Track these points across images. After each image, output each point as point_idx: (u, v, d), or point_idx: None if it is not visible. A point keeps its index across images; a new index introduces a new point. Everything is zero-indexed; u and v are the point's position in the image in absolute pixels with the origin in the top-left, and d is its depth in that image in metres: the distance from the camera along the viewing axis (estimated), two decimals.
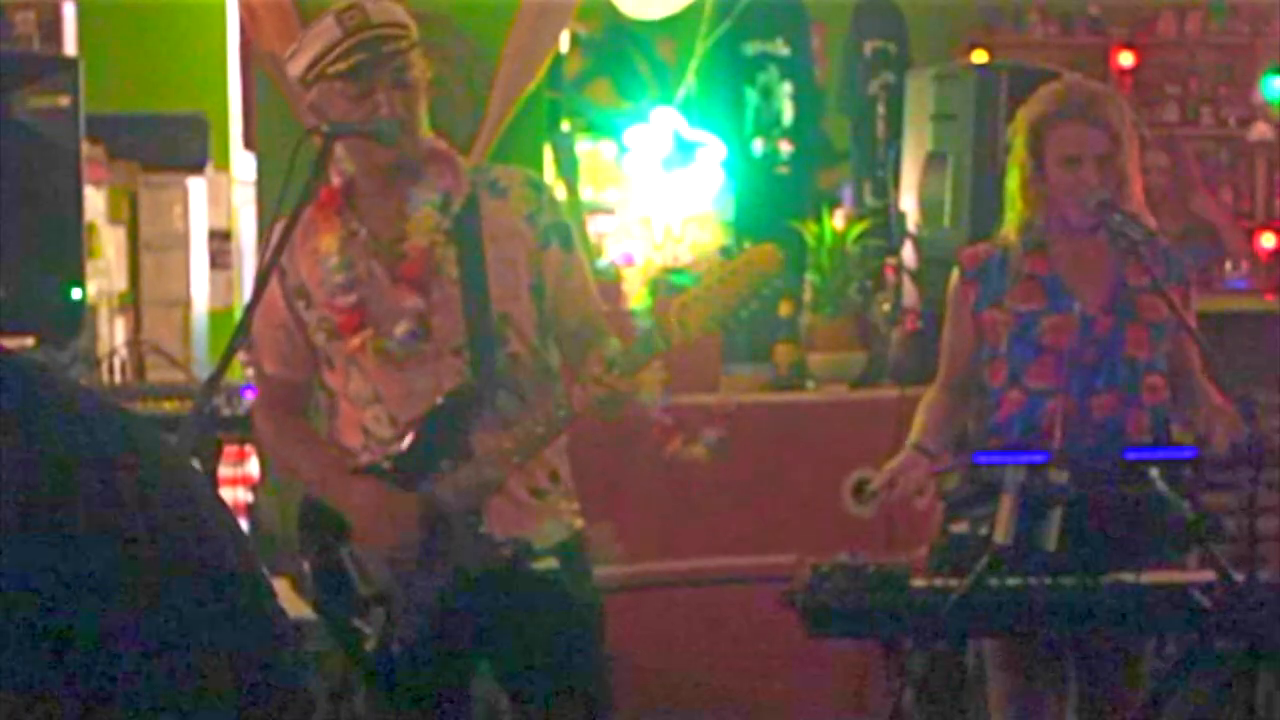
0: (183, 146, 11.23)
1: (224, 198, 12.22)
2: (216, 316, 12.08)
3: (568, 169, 5.55)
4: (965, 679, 4.29)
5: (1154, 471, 3.75)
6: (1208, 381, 4.06)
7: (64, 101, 4.69)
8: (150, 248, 11.22)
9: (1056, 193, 4.06)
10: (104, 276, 9.62)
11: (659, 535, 5.31)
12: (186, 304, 11.36)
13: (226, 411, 5.10)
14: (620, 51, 6.35)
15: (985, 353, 4.10)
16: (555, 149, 5.52)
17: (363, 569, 3.53)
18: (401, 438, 3.50)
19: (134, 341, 6.49)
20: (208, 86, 10.12)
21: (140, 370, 5.64)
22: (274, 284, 3.48)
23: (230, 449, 4.99)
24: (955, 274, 4.18)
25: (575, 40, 6.04)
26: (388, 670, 3.53)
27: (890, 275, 5.57)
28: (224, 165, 11.93)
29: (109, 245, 10.02)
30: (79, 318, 4.81)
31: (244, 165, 9.85)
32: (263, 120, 5.38)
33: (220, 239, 12.41)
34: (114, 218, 10.36)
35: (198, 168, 11.42)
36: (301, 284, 3.55)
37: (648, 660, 5.24)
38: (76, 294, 4.73)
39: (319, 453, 3.63)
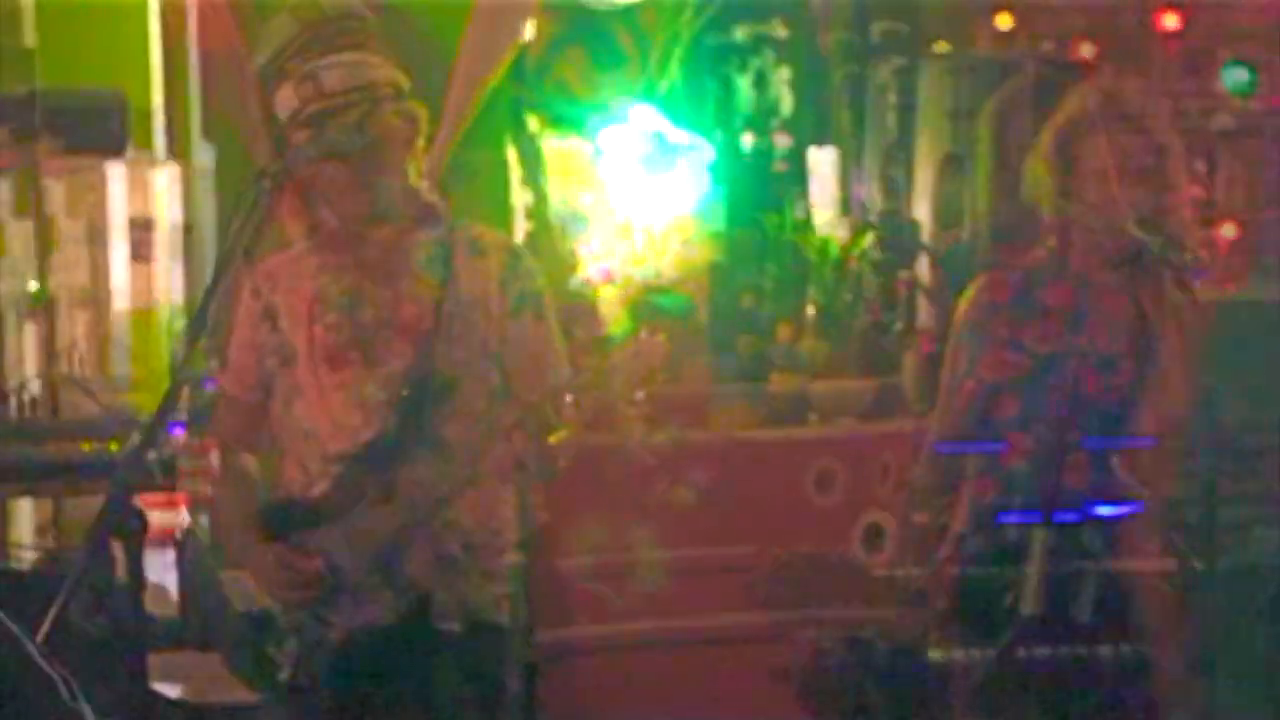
0: (99, 127, 11.24)
1: (146, 183, 12.25)
2: (139, 317, 12.10)
3: (534, 171, 5.56)
4: None
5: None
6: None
7: None
8: (63, 242, 11.24)
9: (1088, 211, 4.06)
10: (9, 276, 9.64)
11: (645, 591, 5.33)
12: (106, 305, 11.39)
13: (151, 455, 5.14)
14: (596, 15, 6.34)
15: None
16: (520, 149, 5.53)
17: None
18: (327, 476, 3.88)
19: (47, 374, 6.50)
20: (129, 63, 10.13)
21: (55, 406, 5.64)
22: (247, 302, 3.90)
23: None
24: (982, 299, 4.14)
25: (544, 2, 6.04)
26: (298, 698, 3.88)
27: (903, 291, 5.58)
28: (145, 145, 11.97)
29: (15, 240, 10.04)
30: None
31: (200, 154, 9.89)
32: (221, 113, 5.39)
33: (141, 229, 12.43)
34: (20, 209, 10.38)
35: (116, 151, 11.43)
36: (273, 307, 3.93)
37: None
38: None
39: (234, 513, 3.98)
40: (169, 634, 4.42)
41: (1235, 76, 9.11)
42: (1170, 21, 10.22)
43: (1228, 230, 8.91)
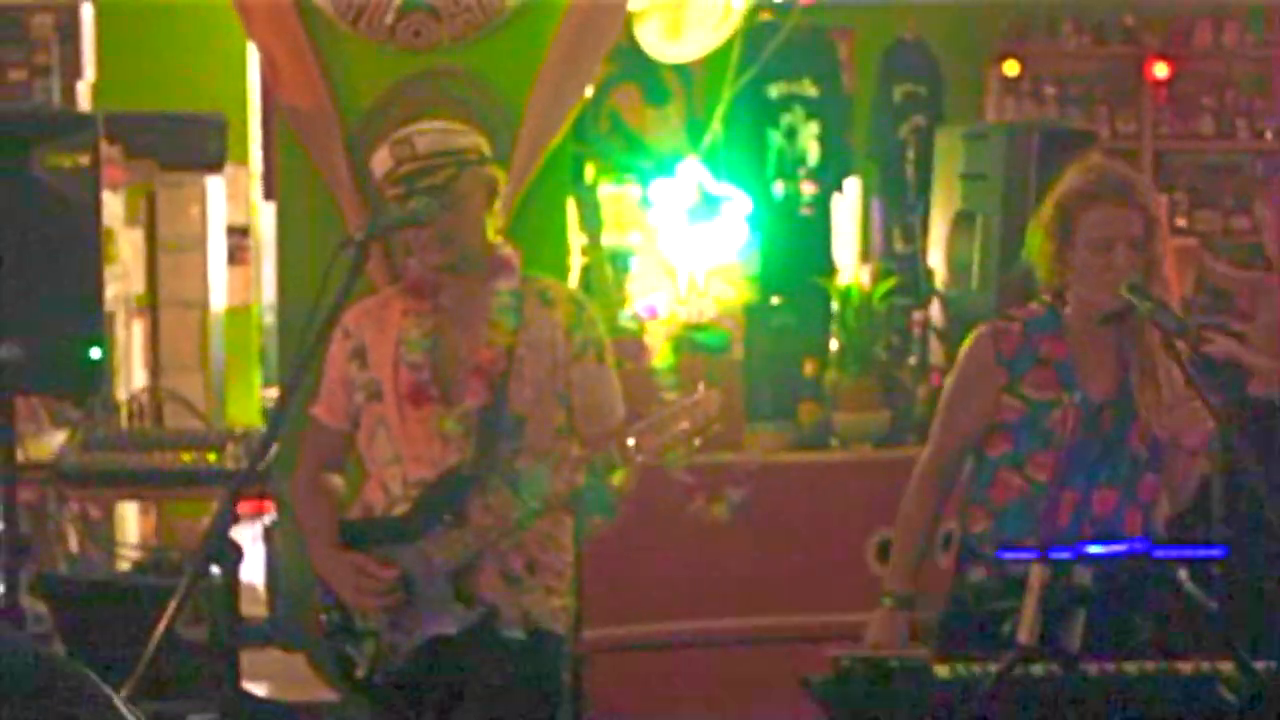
0: (200, 146, 11.29)
1: (242, 193, 12.30)
2: (234, 315, 12.16)
3: (591, 220, 5.59)
4: None
5: (1182, 572, 3.78)
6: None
7: (83, 160, 4.72)
8: (168, 249, 11.30)
9: (1085, 275, 4.08)
10: (121, 280, 9.69)
11: (683, 595, 5.34)
12: (204, 305, 11.45)
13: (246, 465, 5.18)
14: (646, 57, 6.35)
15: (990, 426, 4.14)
16: (579, 200, 5.56)
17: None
18: (409, 499, 4.03)
19: (153, 388, 6.54)
20: (225, 84, 10.16)
21: (159, 416, 5.68)
22: (339, 341, 4.07)
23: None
24: (984, 347, 4.16)
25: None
26: (372, 695, 4.05)
27: (916, 331, 5.58)
28: (243, 160, 12.01)
29: (125, 248, 10.09)
30: (99, 376, 4.85)
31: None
32: (284, 171, 5.40)
33: (238, 235, 12.48)
34: (130, 219, 10.43)
35: (215, 167, 11.48)
36: (363, 347, 4.09)
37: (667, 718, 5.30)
38: (95, 353, 4.77)
39: (319, 522, 4.15)
40: (257, 634, 4.44)
41: None
42: (1161, 70, 10.20)
43: None
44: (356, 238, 3.66)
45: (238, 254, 12.49)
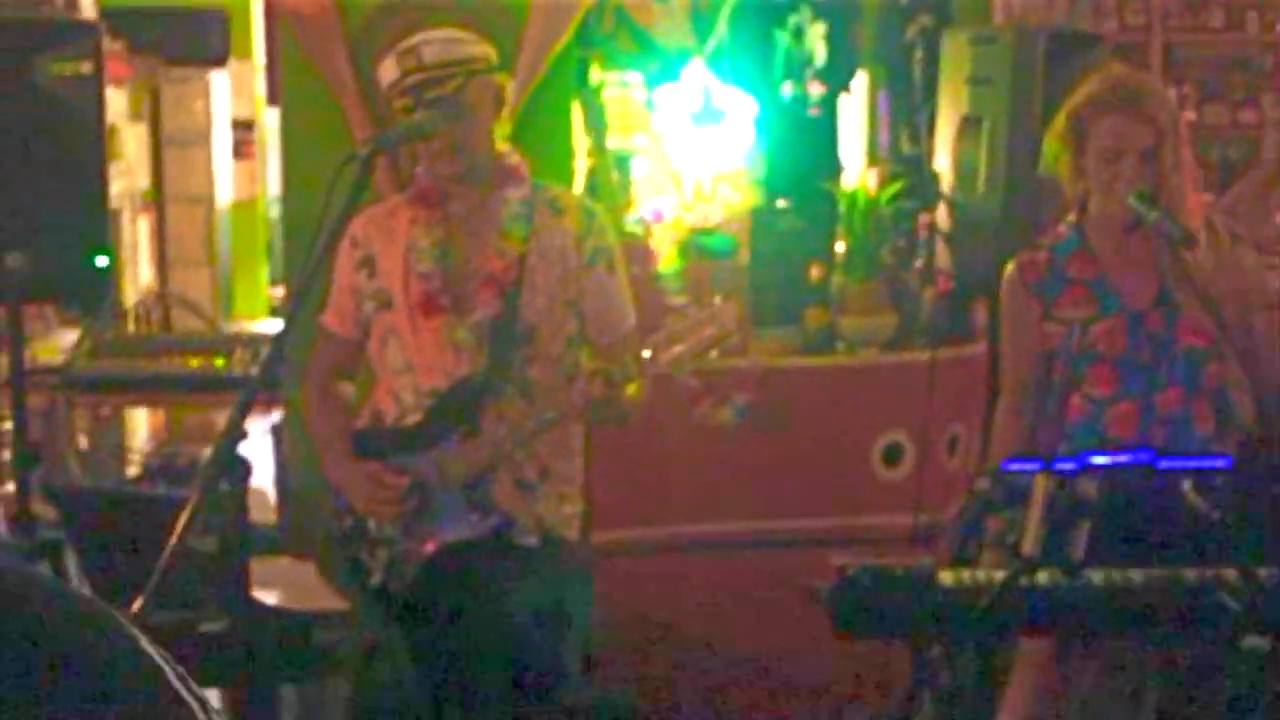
0: (204, 40, 11.25)
1: (247, 88, 12.25)
2: (240, 208, 12.16)
3: (596, 124, 5.56)
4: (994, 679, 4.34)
5: (1186, 483, 3.78)
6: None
7: (86, 68, 4.69)
8: (173, 143, 11.28)
9: (1096, 185, 4.08)
10: (126, 176, 9.67)
11: (690, 499, 5.36)
12: (210, 199, 11.44)
13: (253, 371, 5.20)
14: None
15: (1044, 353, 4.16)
16: (584, 104, 5.52)
17: None
18: (421, 408, 4.02)
19: (161, 293, 6.54)
20: None
21: (166, 321, 5.69)
22: (347, 250, 4.04)
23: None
24: (1015, 281, 4.18)
25: None
26: (386, 603, 4.07)
27: (923, 235, 5.56)
28: (246, 54, 11.94)
29: (130, 143, 10.06)
30: (105, 284, 4.86)
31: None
32: (288, 75, 5.36)
33: (243, 129, 12.45)
34: (135, 115, 10.39)
35: (219, 61, 11.43)
36: (371, 256, 4.07)
37: (679, 623, 5.33)
38: (102, 261, 4.77)
39: (332, 431, 4.16)
40: (267, 541, 4.46)
41: None
42: None
43: None
44: (361, 152, 3.62)
45: (243, 148, 12.49)
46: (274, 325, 10.64)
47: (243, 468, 3.35)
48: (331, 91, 5.13)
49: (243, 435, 3.28)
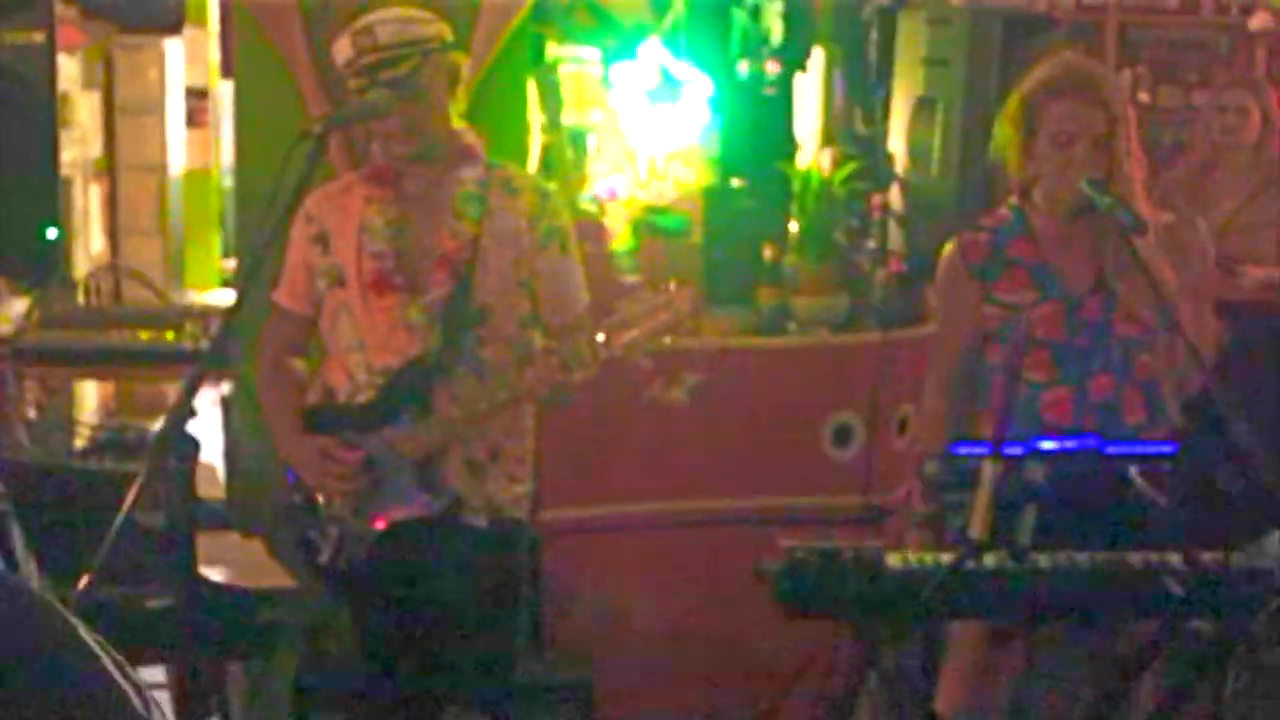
0: (159, 7, 11.17)
1: (201, 56, 12.16)
2: (192, 177, 12.08)
3: (551, 101, 5.55)
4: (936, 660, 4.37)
5: (1133, 468, 3.81)
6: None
7: (38, 38, 4.67)
8: (126, 111, 11.20)
9: (1047, 170, 4.09)
10: (78, 144, 9.61)
11: (640, 478, 5.37)
12: (163, 168, 11.37)
13: (204, 344, 5.18)
14: None
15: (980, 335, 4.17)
16: (539, 81, 5.51)
17: None
18: (373, 386, 4.02)
19: (113, 265, 6.50)
20: None
21: (117, 293, 5.65)
22: (301, 226, 4.03)
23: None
24: (955, 260, 4.19)
25: None
26: (336, 579, 4.09)
27: (876, 216, 5.57)
28: (201, 22, 11.86)
29: (83, 111, 9.99)
30: (55, 257, 4.84)
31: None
32: (241, 48, 5.33)
33: (197, 97, 12.36)
34: (88, 82, 10.32)
35: (174, 29, 11.35)
36: (325, 233, 4.06)
37: (629, 601, 5.33)
38: (51, 234, 4.74)
39: (283, 407, 4.15)
40: (215, 517, 4.44)
41: None
42: None
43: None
44: (314, 130, 3.60)
45: (196, 116, 12.41)
46: (226, 296, 10.60)
47: (191, 445, 3.35)
48: (285, 65, 5.11)
49: (191, 413, 3.27)
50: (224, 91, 11.78)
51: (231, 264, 9.87)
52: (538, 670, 4.86)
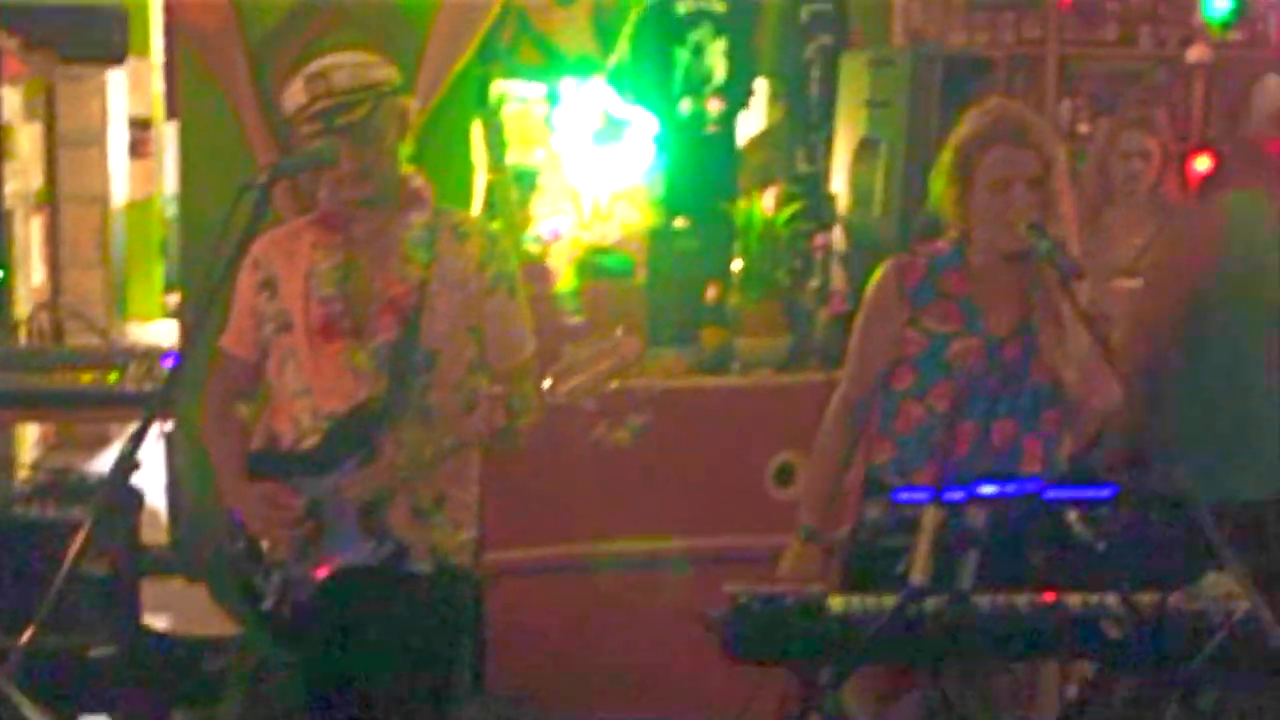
0: (101, 38, 11.14)
1: (144, 86, 12.14)
2: (135, 208, 12.04)
3: (495, 142, 5.57)
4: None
5: (1072, 514, 3.85)
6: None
7: None
8: (68, 143, 11.16)
9: (985, 216, 4.14)
10: (19, 176, 9.58)
11: (584, 519, 5.38)
12: (105, 199, 11.33)
13: (147, 386, 5.18)
14: None
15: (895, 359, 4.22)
16: (485, 125, 5.54)
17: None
18: (319, 431, 4.01)
19: (53, 305, 6.49)
20: None
21: (59, 333, 5.64)
22: (248, 271, 4.02)
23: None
24: (889, 280, 4.23)
25: None
26: (279, 624, 4.06)
27: (818, 255, 5.62)
28: (144, 52, 11.84)
29: (24, 143, 9.96)
30: None
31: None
32: (186, 91, 5.34)
33: (140, 127, 12.33)
34: (30, 114, 10.28)
35: (117, 60, 11.32)
36: (273, 278, 4.05)
37: (569, 644, 5.35)
38: None
39: (228, 454, 4.14)
40: (159, 564, 4.45)
41: (1215, 8, 8.96)
42: None
43: (1201, 163, 8.81)
44: (260, 180, 3.61)
45: (139, 146, 12.37)
46: (168, 328, 10.58)
47: (135, 498, 3.35)
48: (230, 105, 5.12)
49: (135, 466, 3.28)
50: (168, 123, 11.77)
51: (174, 299, 9.85)
52: (480, 715, 4.87)
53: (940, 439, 4.18)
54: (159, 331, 10.99)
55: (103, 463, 8.05)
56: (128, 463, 3.27)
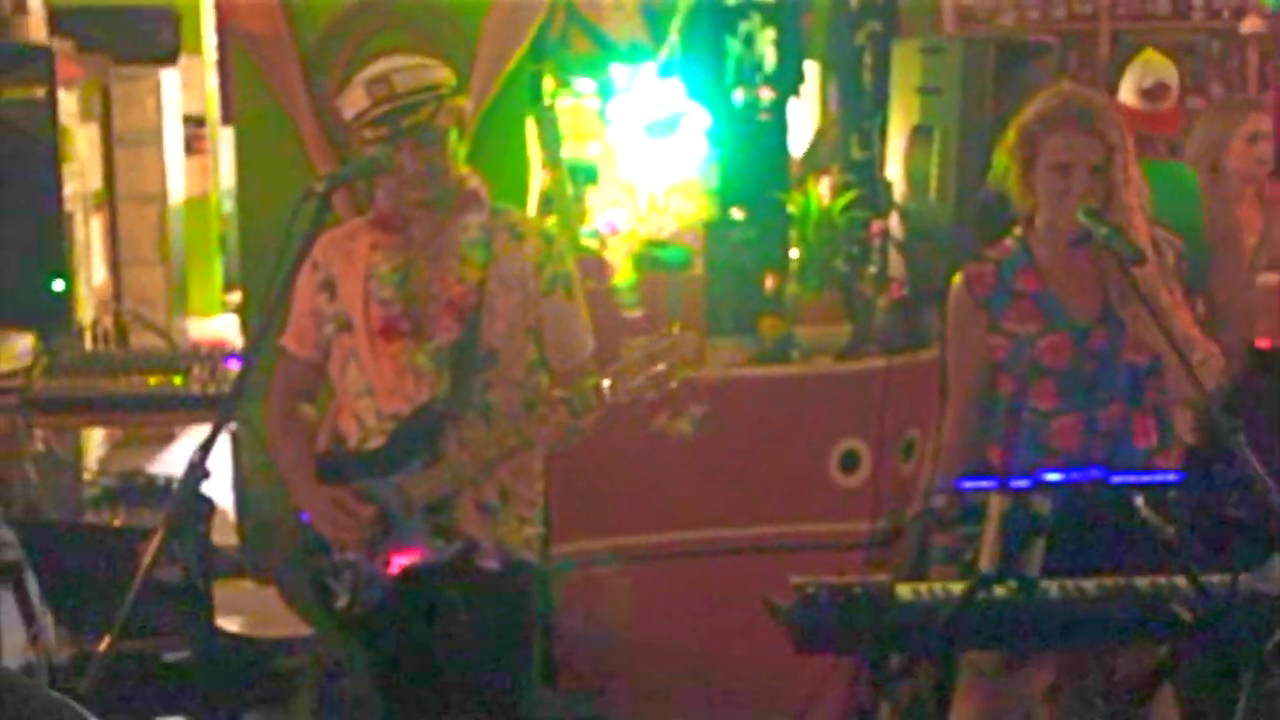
0: (154, 38, 11.20)
1: (198, 83, 12.20)
2: (192, 205, 12.12)
3: (550, 138, 5.57)
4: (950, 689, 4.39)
5: (1139, 498, 3.83)
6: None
7: (39, 93, 4.70)
8: (124, 143, 11.23)
9: (1046, 199, 4.13)
10: (78, 178, 9.64)
11: (647, 510, 5.39)
12: (162, 197, 11.40)
13: (211, 389, 5.21)
14: None
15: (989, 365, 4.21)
16: (539, 121, 5.54)
17: None
18: (383, 432, 4.04)
19: (117, 311, 6.53)
20: None
21: (123, 336, 5.67)
22: (308, 273, 4.03)
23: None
24: (961, 293, 4.23)
25: None
26: (352, 623, 4.10)
27: (875, 242, 5.60)
28: (196, 50, 11.90)
29: (81, 144, 10.03)
30: (61, 307, 4.86)
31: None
32: (241, 95, 5.37)
33: (194, 125, 12.40)
34: (86, 115, 10.35)
35: (170, 59, 11.38)
36: (331, 279, 4.08)
37: (639, 631, 5.35)
38: (59, 285, 4.77)
39: (295, 456, 4.16)
40: (229, 565, 4.48)
41: None
42: None
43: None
44: (318, 189, 3.62)
45: (194, 143, 12.42)
46: (229, 322, 10.64)
47: (206, 505, 3.37)
48: (285, 109, 5.14)
49: (205, 475, 3.30)
50: (223, 127, 11.82)
51: (235, 298, 9.89)
52: (551, 707, 4.88)
53: (1051, 429, 4.15)
54: (219, 326, 11.06)
55: (168, 459, 8.11)
56: (197, 472, 3.29)
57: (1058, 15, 9.42)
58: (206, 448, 3.32)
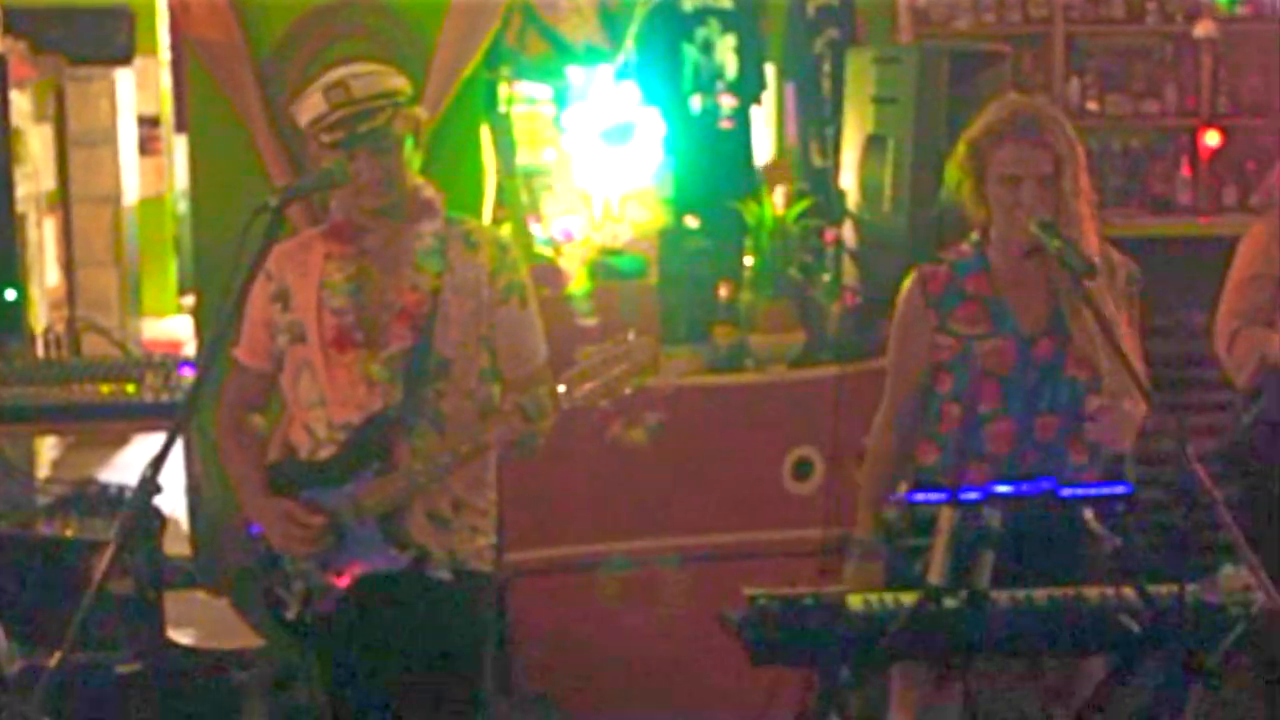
0: (108, 39, 11.16)
1: (152, 83, 12.16)
2: (147, 206, 12.09)
3: (504, 146, 5.58)
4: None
5: (1088, 512, 3.87)
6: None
7: None
8: (78, 143, 11.19)
9: (997, 212, 4.16)
10: (31, 179, 9.61)
11: (603, 518, 5.40)
12: (117, 198, 11.36)
13: (164, 397, 5.21)
14: None
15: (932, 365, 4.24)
16: (492, 127, 5.54)
17: None
18: (334, 442, 4.04)
19: (70, 317, 6.51)
20: None
21: (76, 344, 5.66)
22: (261, 283, 4.01)
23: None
24: (914, 290, 4.25)
25: None
26: (304, 634, 4.11)
27: (829, 250, 5.63)
28: (152, 51, 11.87)
29: (35, 144, 9.99)
30: (14, 318, 4.85)
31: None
32: (195, 102, 5.36)
33: (149, 125, 12.35)
34: (39, 115, 10.31)
35: (124, 60, 11.34)
36: (285, 290, 4.07)
37: (588, 639, 5.37)
38: (10, 295, 4.76)
39: (247, 467, 4.16)
40: (181, 576, 4.48)
41: None
42: None
43: (1211, 138, 8.83)
44: (271, 203, 3.61)
45: (149, 144, 12.39)
46: (183, 323, 10.63)
47: (157, 518, 3.38)
48: (239, 115, 5.14)
49: (157, 490, 3.30)
50: (178, 135, 11.80)
51: (188, 301, 9.87)
52: (505, 717, 4.89)
53: (986, 432, 4.18)
54: (174, 326, 11.05)
55: (121, 462, 8.10)
56: (149, 487, 3.29)
57: (1013, 19, 9.45)
58: (158, 462, 3.33)
